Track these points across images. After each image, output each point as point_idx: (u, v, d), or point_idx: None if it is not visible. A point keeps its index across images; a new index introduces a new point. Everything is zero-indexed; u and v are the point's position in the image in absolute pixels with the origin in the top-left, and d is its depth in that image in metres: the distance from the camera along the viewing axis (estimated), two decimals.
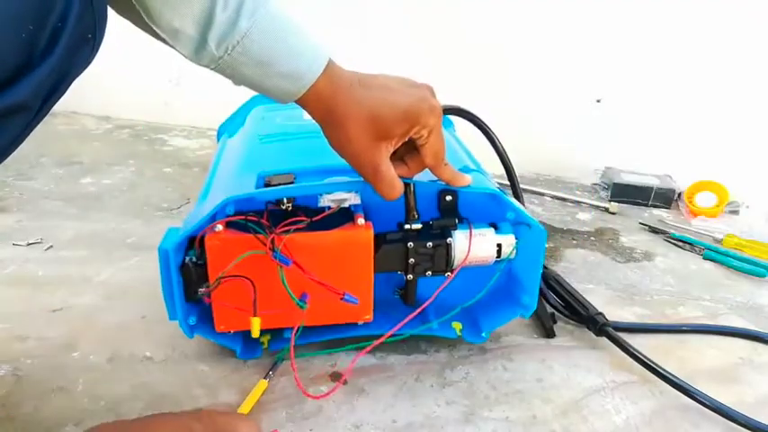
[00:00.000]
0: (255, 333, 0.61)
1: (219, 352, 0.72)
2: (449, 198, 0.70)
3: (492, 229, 0.70)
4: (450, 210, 0.71)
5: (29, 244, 0.92)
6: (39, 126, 0.45)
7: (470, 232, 0.69)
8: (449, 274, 0.70)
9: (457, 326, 0.76)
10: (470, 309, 0.76)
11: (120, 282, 0.84)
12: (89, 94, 1.58)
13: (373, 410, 0.65)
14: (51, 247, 0.92)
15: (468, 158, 0.84)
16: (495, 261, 0.70)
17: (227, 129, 1.02)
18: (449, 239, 0.69)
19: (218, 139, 1.04)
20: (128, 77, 1.56)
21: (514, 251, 0.70)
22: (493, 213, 0.71)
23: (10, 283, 0.82)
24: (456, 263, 0.69)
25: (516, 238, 0.70)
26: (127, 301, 0.80)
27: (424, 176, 0.67)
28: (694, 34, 1.27)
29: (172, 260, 0.62)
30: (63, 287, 0.82)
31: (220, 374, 0.68)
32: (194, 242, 0.64)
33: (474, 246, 0.69)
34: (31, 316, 0.75)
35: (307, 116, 0.90)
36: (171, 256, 0.61)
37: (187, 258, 0.64)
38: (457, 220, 0.70)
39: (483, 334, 0.74)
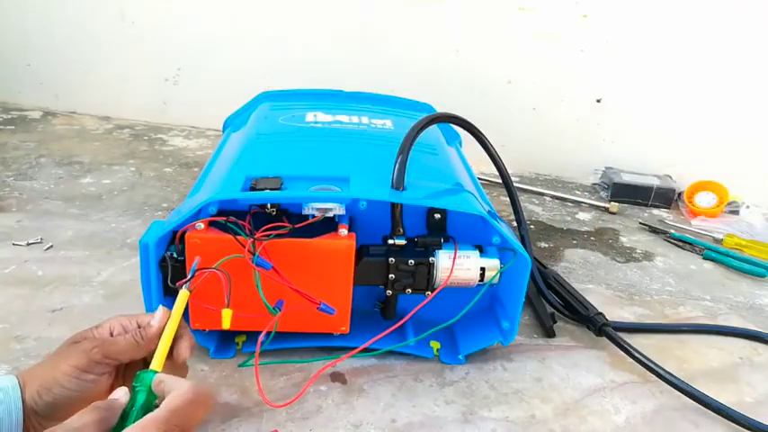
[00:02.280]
0: (226, 324, 0.56)
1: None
2: (437, 216, 0.69)
3: (477, 252, 0.68)
4: (439, 228, 0.69)
5: (29, 244, 0.92)
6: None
7: (455, 253, 0.67)
8: (429, 293, 0.68)
9: (435, 345, 0.74)
10: (451, 328, 0.74)
11: (120, 282, 0.84)
12: (89, 94, 1.59)
13: (373, 410, 0.64)
14: (51, 246, 0.92)
15: (467, 176, 0.83)
16: (478, 284, 0.68)
17: (233, 123, 1.02)
18: (431, 258, 0.67)
19: (224, 131, 1.04)
20: (127, 77, 1.56)
21: (498, 276, 0.68)
22: (481, 236, 0.70)
23: (10, 283, 0.82)
24: (437, 282, 0.67)
25: (501, 263, 0.68)
26: (127, 301, 0.80)
27: (415, 197, 0.65)
28: (694, 35, 1.27)
29: (152, 254, 0.62)
30: (63, 287, 0.82)
31: (220, 374, 0.68)
32: (177, 237, 0.64)
33: (457, 267, 0.67)
34: (30, 316, 0.75)
35: (309, 118, 0.91)
36: (151, 250, 0.62)
37: (168, 253, 0.64)
38: (443, 240, 0.68)
39: (460, 356, 0.72)
